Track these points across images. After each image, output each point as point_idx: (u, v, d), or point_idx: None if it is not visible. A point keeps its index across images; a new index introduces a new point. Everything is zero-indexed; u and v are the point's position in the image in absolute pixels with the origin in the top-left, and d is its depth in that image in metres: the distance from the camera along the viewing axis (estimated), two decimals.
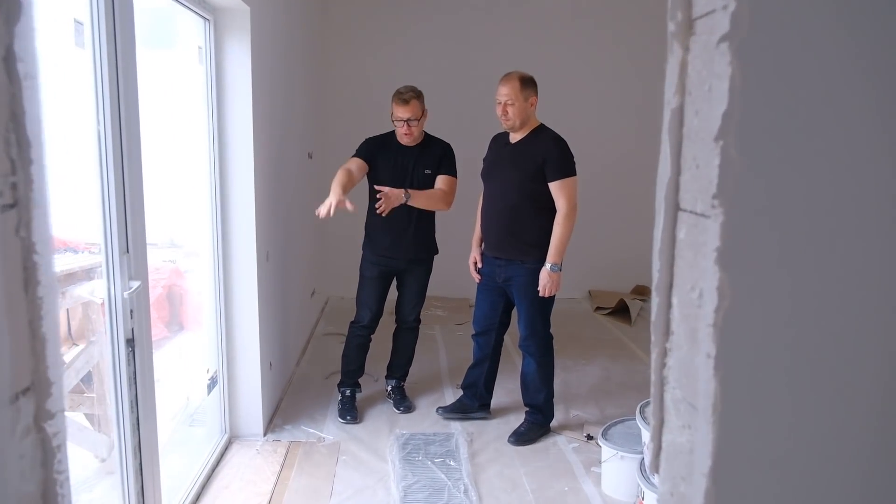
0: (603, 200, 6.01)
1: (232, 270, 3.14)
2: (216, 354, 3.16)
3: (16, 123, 0.85)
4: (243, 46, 2.99)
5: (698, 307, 0.84)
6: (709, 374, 0.80)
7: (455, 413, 3.54)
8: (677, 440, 0.92)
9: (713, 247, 0.78)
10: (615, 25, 5.94)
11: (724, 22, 0.74)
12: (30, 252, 0.88)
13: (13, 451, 0.87)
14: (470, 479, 2.91)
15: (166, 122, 3.48)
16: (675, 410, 0.93)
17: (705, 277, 0.82)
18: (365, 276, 3.61)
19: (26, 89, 0.87)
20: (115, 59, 1.94)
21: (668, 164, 0.92)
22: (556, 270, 3.12)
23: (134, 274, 2.08)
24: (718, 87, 0.76)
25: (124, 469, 2.10)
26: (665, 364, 0.97)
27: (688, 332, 0.88)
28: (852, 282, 0.75)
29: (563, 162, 3.12)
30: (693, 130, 0.86)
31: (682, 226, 0.91)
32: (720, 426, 0.80)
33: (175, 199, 3.89)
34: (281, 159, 3.76)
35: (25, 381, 0.89)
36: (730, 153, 0.75)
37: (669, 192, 0.93)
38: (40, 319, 0.91)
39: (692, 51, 0.87)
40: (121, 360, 2.05)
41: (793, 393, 0.79)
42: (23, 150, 0.86)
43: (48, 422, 0.93)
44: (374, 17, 5.86)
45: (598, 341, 4.94)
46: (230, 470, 2.97)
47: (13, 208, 0.85)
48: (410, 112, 3.36)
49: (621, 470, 2.78)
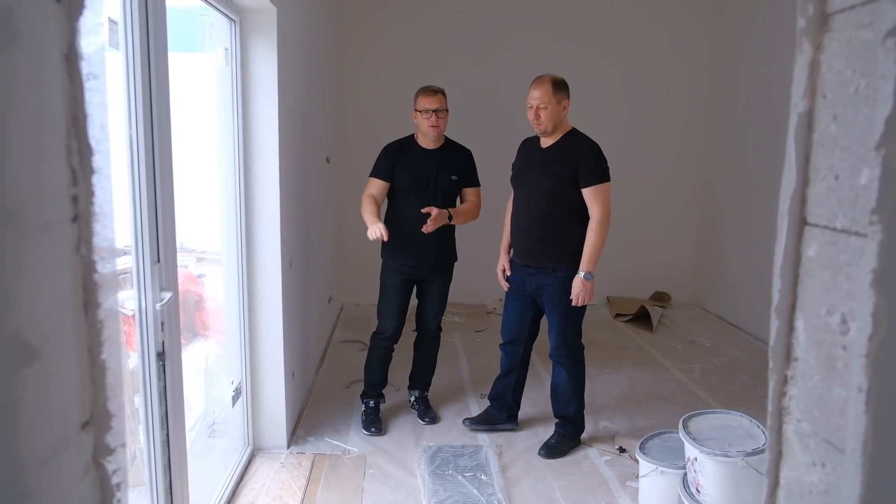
0: (622, 206, 5.92)
1: (256, 278, 3.07)
2: (240, 364, 3.07)
3: (77, 129, 0.77)
4: (269, 47, 2.91)
5: (840, 334, 0.76)
6: (859, 410, 0.71)
7: (482, 425, 3.45)
8: (804, 478, 0.84)
9: (868, 268, 0.69)
10: (640, 25, 5.86)
11: (892, 14, 0.66)
12: (90, 271, 0.81)
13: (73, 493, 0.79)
14: (504, 494, 2.82)
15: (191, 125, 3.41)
16: (803, 445, 0.84)
17: (850, 301, 0.73)
18: (387, 285, 3.50)
19: (89, 91, 0.79)
20: (148, 61, 1.87)
21: (793, 174, 0.83)
22: (590, 279, 3.03)
23: (165, 285, 2.00)
24: (880, 89, 0.67)
25: (154, 485, 2.02)
26: (786, 393, 0.88)
27: (821, 360, 0.80)
28: None
29: (597, 167, 3.03)
30: (829, 137, 0.78)
31: (811, 242, 0.82)
32: (870, 468, 0.71)
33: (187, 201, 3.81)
34: (302, 163, 3.68)
35: (85, 415, 0.81)
36: (892, 163, 0.67)
37: (794, 205, 0.84)
38: (100, 346, 0.83)
39: (828, 49, 0.79)
40: (151, 375, 1.97)
41: None
42: (85, 159, 0.78)
43: (107, 458, 0.85)
44: (391, 19, 5.79)
45: (621, 349, 4.85)
46: (255, 484, 2.88)
47: (74, 223, 0.77)
48: (438, 102, 3.32)
49: (660, 485, 2.69)
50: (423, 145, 3.40)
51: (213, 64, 2.86)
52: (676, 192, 6.14)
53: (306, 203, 3.82)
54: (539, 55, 5.58)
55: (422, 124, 3.36)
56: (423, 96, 3.34)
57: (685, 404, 3.73)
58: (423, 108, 3.32)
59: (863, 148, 0.71)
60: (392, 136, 3.54)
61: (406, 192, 3.39)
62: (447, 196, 3.42)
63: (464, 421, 3.50)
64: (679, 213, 6.19)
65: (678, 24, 5.86)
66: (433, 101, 3.31)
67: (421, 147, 3.40)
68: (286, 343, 3.17)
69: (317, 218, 4.30)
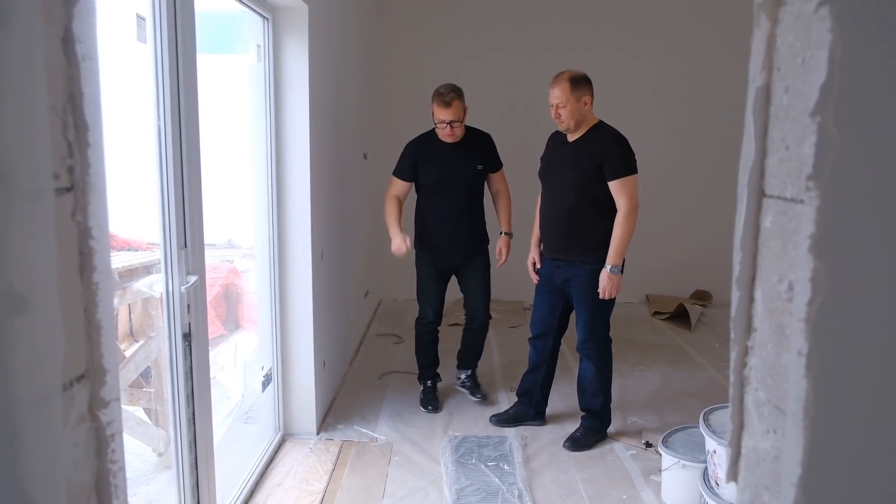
0: (661, 202, 5.86)
1: (287, 268, 3.16)
2: (271, 352, 3.17)
3: (73, 105, 0.84)
4: (301, 44, 3.00)
5: (787, 300, 0.77)
6: (800, 374, 0.73)
7: (509, 423, 3.47)
8: (760, 446, 0.85)
9: (807, 234, 0.71)
10: (675, 17, 5.78)
11: None
12: (86, 237, 0.87)
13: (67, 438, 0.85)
14: (524, 484, 2.85)
15: (227, 124, 3.53)
16: (758, 414, 0.86)
17: (796, 268, 0.75)
18: (422, 275, 3.64)
19: (84, 71, 0.85)
20: (176, 55, 1.96)
21: (752, 147, 0.85)
22: (617, 272, 3.03)
23: (192, 269, 2.09)
24: (816, 58, 0.69)
25: (180, 463, 2.12)
26: (746, 363, 0.90)
27: (774, 328, 0.81)
28: None
29: (623, 160, 3.02)
30: (782, 109, 0.79)
31: (767, 213, 0.84)
32: (812, 431, 0.73)
33: (234, 199, 3.94)
34: (337, 158, 3.76)
35: (80, 369, 0.87)
36: (827, 129, 0.68)
37: (753, 177, 0.86)
38: (95, 306, 0.89)
39: (782, 22, 0.80)
40: (178, 355, 2.06)
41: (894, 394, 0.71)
42: (80, 133, 0.85)
43: (102, 410, 0.91)
44: (430, 16, 5.84)
45: (657, 347, 4.81)
46: (283, 467, 2.97)
47: (70, 192, 0.84)
48: (453, 114, 3.33)
49: (682, 479, 2.67)
50: (447, 141, 3.46)
51: (247, 61, 2.96)
52: (720, 188, 6.03)
53: (341, 198, 3.91)
54: (576, 46, 5.56)
55: (438, 132, 3.44)
56: (438, 108, 3.35)
57: (718, 402, 3.67)
58: (437, 120, 3.38)
59: (806, 116, 0.73)
60: None
61: (433, 187, 3.48)
62: (474, 186, 3.51)
63: (490, 418, 3.52)
64: (723, 210, 6.07)
65: (715, 12, 5.76)
66: (447, 114, 3.33)
67: (443, 141, 3.46)
68: (317, 332, 3.25)
69: (353, 213, 4.38)
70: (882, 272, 0.70)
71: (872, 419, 0.72)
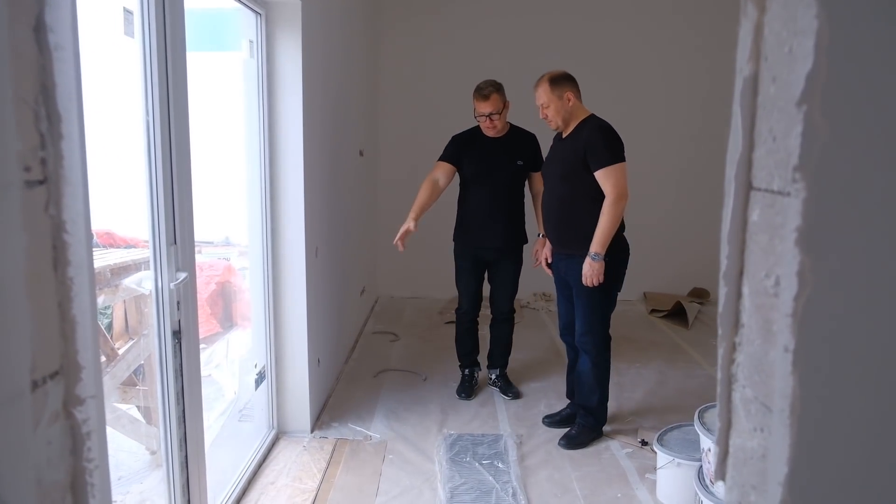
0: (659, 199, 5.85)
1: (281, 264, 3.14)
2: (264, 349, 3.15)
3: (46, 96, 0.82)
4: (294, 40, 2.98)
5: (774, 296, 0.76)
6: (786, 371, 0.71)
7: (563, 424, 3.39)
8: (748, 444, 0.84)
9: (793, 227, 0.69)
10: (674, 12, 5.76)
11: None
12: (59, 231, 0.85)
13: (39, 437, 0.83)
14: (519, 483, 2.83)
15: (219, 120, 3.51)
16: (746, 412, 0.84)
17: (783, 262, 0.73)
18: (460, 266, 3.74)
19: (57, 61, 0.83)
20: (165, 49, 1.94)
21: (739, 139, 0.83)
22: (598, 260, 2.99)
23: (181, 265, 2.07)
24: (802, 46, 0.67)
25: (170, 460, 2.10)
26: (734, 360, 0.88)
27: (761, 324, 0.79)
28: None
29: (606, 149, 2.99)
30: (769, 99, 0.77)
31: (755, 207, 0.82)
32: (798, 429, 0.71)
33: (232, 197, 3.92)
34: (332, 155, 3.74)
35: (53, 365, 0.85)
36: (814, 119, 0.66)
37: (741, 170, 0.84)
38: (70, 301, 0.87)
39: (769, 11, 0.78)
40: (167, 352, 2.05)
41: (882, 392, 0.70)
42: (53, 125, 0.83)
43: (77, 407, 0.89)
44: (429, 12, 5.82)
45: (654, 344, 4.79)
46: (277, 465, 2.95)
47: (42, 185, 0.82)
48: (492, 107, 3.42)
49: (677, 477, 2.66)
50: (488, 135, 3.54)
51: (239, 57, 2.94)
52: (717, 186, 6.01)
53: (336, 195, 3.89)
54: (578, 42, 5.55)
55: (480, 125, 3.53)
56: (477, 101, 3.47)
57: (714, 400, 3.65)
58: (478, 114, 3.48)
59: (792, 105, 0.71)
60: (427, 132, 3.65)
61: (473, 180, 3.57)
62: (513, 182, 3.56)
63: (543, 420, 3.49)
64: (721, 209, 6.05)
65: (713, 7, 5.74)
66: (486, 106, 3.43)
67: (486, 137, 3.55)
68: (311, 329, 3.23)
69: (349, 210, 4.36)
70: (870, 266, 0.68)
71: (860, 417, 0.70)
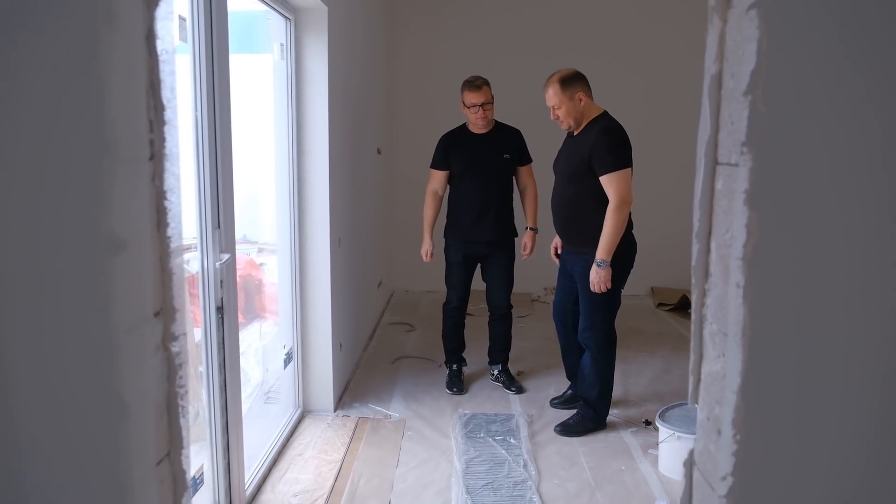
0: (667, 196, 5.99)
1: (307, 254, 3.35)
2: (291, 333, 3.37)
3: (154, 90, 1.04)
4: (321, 44, 3.19)
5: (730, 246, 0.95)
6: (738, 303, 0.91)
7: (567, 404, 3.54)
8: (713, 369, 1.03)
9: (742, 189, 0.89)
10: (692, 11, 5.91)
11: None
12: (161, 199, 1.07)
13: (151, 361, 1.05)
14: (529, 456, 3.03)
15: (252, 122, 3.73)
16: (712, 343, 1.04)
17: (736, 218, 0.93)
18: (450, 261, 3.84)
19: (163, 63, 1.05)
20: (212, 52, 2.16)
21: (707, 124, 1.03)
22: (605, 267, 3.04)
23: (224, 247, 2.28)
24: (748, 49, 0.87)
25: (213, 424, 2.31)
26: (704, 304, 1.08)
27: (722, 270, 0.99)
28: (873, 214, 0.84)
29: (610, 155, 3.02)
30: (729, 91, 0.97)
31: (719, 177, 1.02)
32: (748, 348, 0.91)
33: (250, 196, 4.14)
34: (352, 152, 3.96)
35: (157, 306, 1.07)
36: (757, 106, 0.87)
37: (709, 149, 1.04)
38: (168, 256, 1.09)
39: (729, 22, 0.98)
40: (212, 326, 2.26)
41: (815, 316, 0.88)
42: (158, 113, 1.04)
43: (172, 343, 1.10)
44: (442, 12, 5.98)
45: (660, 335, 4.97)
46: (304, 440, 3.17)
47: (150, 161, 1.04)
48: (484, 97, 3.57)
49: (678, 450, 2.84)
50: (475, 131, 3.70)
51: (270, 60, 3.16)
52: None
53: (355, 191, 4.10)
54: (596, 40, 5.69)
55: (470, 117, 3.65)
56: (469, 92, 3.59)
57: None
58: (470, 104, 3.60)
59: (741, 96, 0.91)
60: (441, 130, 3.80)
61: (462, 176, 3.71)
62: (501, 176, 3.70)
63: (551, 401, 3.63)
64: None
65: None
66: (479, 96, 3.56)
67: (472, 133, 3.71)
68: (334, 315, 3.45)
69: (367, 206, 4.57)
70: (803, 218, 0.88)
71: (797, 338, 0.90)
